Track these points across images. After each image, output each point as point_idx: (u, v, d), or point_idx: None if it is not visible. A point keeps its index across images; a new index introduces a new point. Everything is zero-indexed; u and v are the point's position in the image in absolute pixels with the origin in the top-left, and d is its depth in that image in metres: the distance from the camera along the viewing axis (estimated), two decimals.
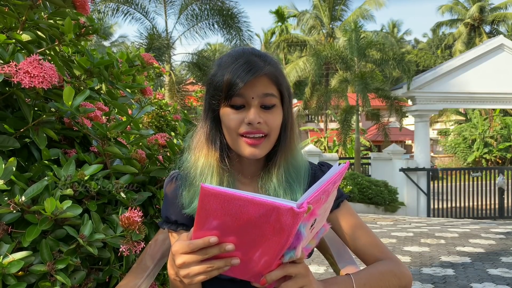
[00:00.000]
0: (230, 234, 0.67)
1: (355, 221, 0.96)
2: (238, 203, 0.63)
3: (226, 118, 0.89)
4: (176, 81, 11.85)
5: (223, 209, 0.64)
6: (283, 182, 0.91)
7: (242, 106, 0.87)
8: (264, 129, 0.87)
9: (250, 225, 0.65)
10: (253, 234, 0.66)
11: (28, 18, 1.14)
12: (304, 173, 0.94)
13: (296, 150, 0.94)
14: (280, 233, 0.65)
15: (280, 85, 0.89)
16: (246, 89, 0.85)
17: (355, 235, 0.94)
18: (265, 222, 0.64)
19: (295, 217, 0.62)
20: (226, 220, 0.65)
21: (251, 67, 0.85)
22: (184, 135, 1.69)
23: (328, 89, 15.50)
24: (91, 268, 1.11)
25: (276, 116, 0.89)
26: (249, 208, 0.63)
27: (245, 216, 0.64)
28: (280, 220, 0.63)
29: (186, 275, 0.69)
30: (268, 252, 0.69)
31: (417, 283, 3.96)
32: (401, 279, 0.88)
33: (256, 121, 0.86)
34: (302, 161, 0.95)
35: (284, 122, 0.92)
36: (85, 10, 1.18)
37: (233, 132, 0.88)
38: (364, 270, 0.89)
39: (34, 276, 0.96)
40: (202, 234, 0.67)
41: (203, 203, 0.64)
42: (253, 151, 0.88)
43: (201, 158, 0.92)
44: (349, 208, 0.97)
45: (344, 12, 20.80)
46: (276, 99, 0.89)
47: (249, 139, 0.87)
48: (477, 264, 4.65)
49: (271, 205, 0.62)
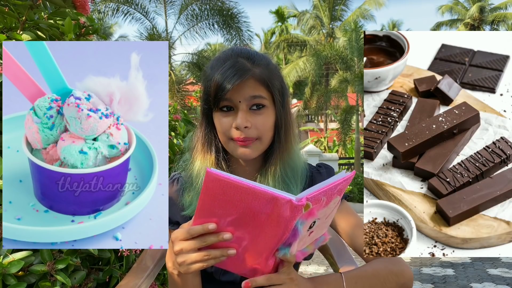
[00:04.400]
0: (229, 224, 0.68)
1: (355, 220, 0.96)
2: (240, 190, 0.64)
3: (217, 122, 0.89)
4: (176, 81, 11.85)
5: (224, 195, 0.65)
6: (280, 182, 0.91)
7: (231, 109, 0.87)
8: (253, 133, 0.87)
9: (249, 215, 0.66)
10: (250, 225, 0.67)
11: (28, 18, 1.14)
12: (302, 173, 0.94)
13: (293, 150, 0.94)
14: (277, 225, 0.66)
15: (270, 86, 0.88)
16: (233, 93, 0.85)
17: (354, 233, 0.94)
18: (263, 212, 0.65)
19: (293, 210, 0.63)
20: (226, 208, 0.66)
21: (237, 71, 0.85)
22: (184, 135, 1.69)
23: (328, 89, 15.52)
24: (91, 268, 1.12)
25: (266, 117, 0.88)
26: (249, 196, 0.64)
27: (244, 204, 0.65)
28: (278, 212, 0.64)
29: (182, 263, 0.70)
30: (263, 245, 0.70)
31: (417, 283, 3.96)
32: (400, 277, 0.86)
33: (243, 125, 0.85)
34: (299, 161, 0.95)
35: (278, 123, 0.91)
36: (85, 10, 1.18)
37: (223, 135, 0.89)
38: (358, 268, 0.88)
39: (34, 276, 0.96)
40: (201, 221, 0.69)
41: (206, 187, 0.65)
42: (243, 151, 0.88)
43: (197, 161, 0.93)
44: (348, 207, 0.97)
45: (344, 12, 20.81)
46: (265, 100, 0.88)
47: (239, 141, 0.87)
48: (477, 264, 4.65)
49: (271, 195, 0.63)
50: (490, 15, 23.27)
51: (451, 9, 24.96)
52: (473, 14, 23.30)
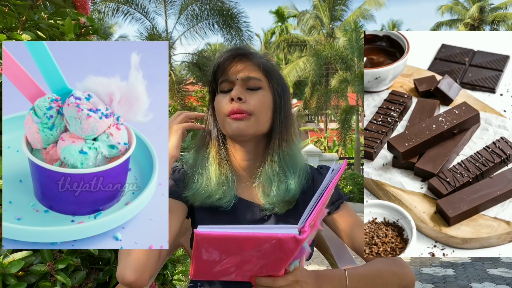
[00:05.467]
0: (232, 266, 0.68)
1: (354, 220, 0.96)
2: (237, 240, 0.61)
3: (216, 104, 0.93)
4: (176, 81, 11.85)
5: (221, 248, 0.63)
6: (276, 168, 0.91)
7: (229, 91, 0.91)
8: (247, 108, 0.89)
9: (251, 253, 0.65)
10: (254, 257, 0.66)
11: (28, 18, 1.14)
12: (301, 169, 0.94)
13: (293, 142, 0.94)
14: (282, 256, 0.65)
15: (268, 74, 0.93)
16: (232, 72, 0.91)
17: (354, 234, 0.93)
18: (266, 249, 0.63)
19: (298, 243, 0.62)
20: (225, 254, 0.65)
21: (237, 54, 0.92)
22: None
23: (328, 89, 15.52)
24: (91, 268, 1.12)
25: (262, 97, 0.91)
26: (249, 243, 0.62)
27: (245, 248, 0.63)
28: (282, 247, 0.63)
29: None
30: (271, 269, 0.70)
31: (417, 283, 3.97)
32: (402, 279, 0.86)
33: (237, 96, 0.89)
34: (300, 156, 0.95)
35: (275, 110, 0.93)
36: (85, 10, 1.18)
37: (221, 114, 0.91)
38: (361, 266, 0.89)
39: (34, 276, 0.96)
40: (202, 273, 0.70)
41: (198, 248, 0.63)
42: (237, 125, 0.89)
43: (203, 146, 0.96)
44: (349, 209, 0.97)
45: (344, 12, 20.80)
46: (262, 83, 0.92)
47: (233, 114, 0.89)
48: (477, 264, 4.65)
49: (273, 237, 0.61)
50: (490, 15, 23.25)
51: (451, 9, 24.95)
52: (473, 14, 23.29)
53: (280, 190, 0.89)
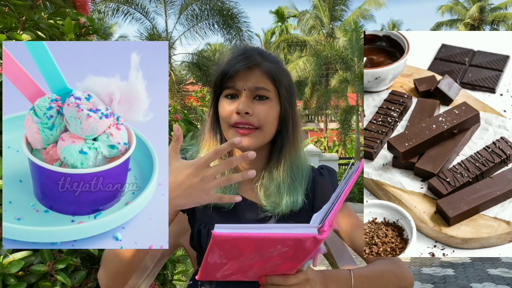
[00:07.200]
0: (248, 264, 0.67)
1: (355, 221, 0.96)
2: (256, 241, 0.60)
3: (220, 108, 0.90)
4: (176, 81, 11.85)
5: (238, 249, 0.62)
6: (287, 179, 0.90)
7: (235, 96, 0.88)
8: (254, 121, 0.87)
9: (268, 253, 0.64)
10: (271, 257, 0.65)
11: (28, 18, 1.14)
12: (306, 174, 0.94)
13: (300, 149, 0.94)
14: (299, 256, 0.65)
15: (277, 82, 0.89)
16: (239, 80, 0.87)
17: (354, 234, 0.94)
18: (285, 249, 0.63)
19: (317, 243, 0.62)
20: (241, 254, 0.64)
21: (246, 59, 0.87)
22: (185, 135, 1.69)
23: (328, 89, 15.52)
24: (91, 268, 1.12)
25: (269, 109, 0.88)
26: (268, 243, 0.61)
27: (264, 249, 0.62)
28: (301, 247, 0.63)
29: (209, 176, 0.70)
30: (283, 268, 0.70)
31: (417, 283, 3.96)
32: (402, 280, 0.87)
33: (244, 110, 0.85)
34: (305, 160, 0.96)
35: (284, 119, 0.91)
36: (85, 10, 1.18)
37: (224, 122, 0.89)
38: (365, 267, 0.89)
39: (34, 276, 0.96)
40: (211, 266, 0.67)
41: (212, 250, 0.61)
42: (242, 139, 0.87)
43: (204, 149, 0.94)
44: (349, 210, 0.97)
45: (344, 12, 20.82)
46: (270, 93, 0.88)
47: (239, 129, 0.87)
48: (477, 264, 4.65)
49: (293, 237, 0.60)
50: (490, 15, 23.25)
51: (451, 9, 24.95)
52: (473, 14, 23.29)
53: (289, 203, 0.90)
